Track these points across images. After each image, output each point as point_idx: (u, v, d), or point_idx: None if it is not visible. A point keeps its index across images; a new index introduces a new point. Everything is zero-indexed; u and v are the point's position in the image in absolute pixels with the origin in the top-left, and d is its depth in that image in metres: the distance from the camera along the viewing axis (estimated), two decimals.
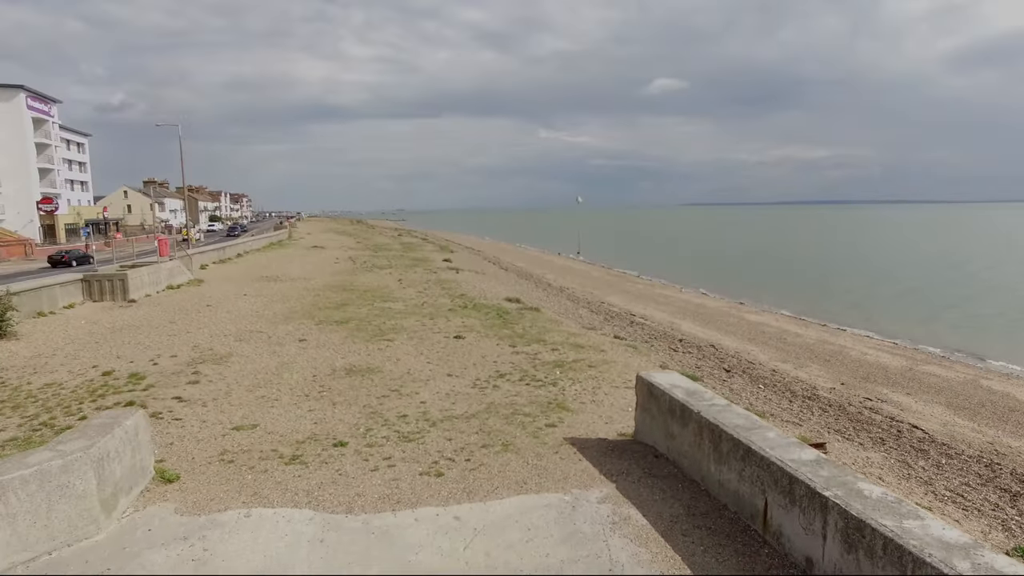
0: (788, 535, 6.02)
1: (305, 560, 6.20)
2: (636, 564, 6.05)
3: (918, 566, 4.57)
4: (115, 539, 6.66)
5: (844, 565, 5.29)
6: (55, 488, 6.45)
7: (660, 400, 8.61)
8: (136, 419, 7.95)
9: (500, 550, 6.36)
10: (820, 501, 5.56)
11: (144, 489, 7.86)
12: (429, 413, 10.90)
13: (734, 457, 6.89)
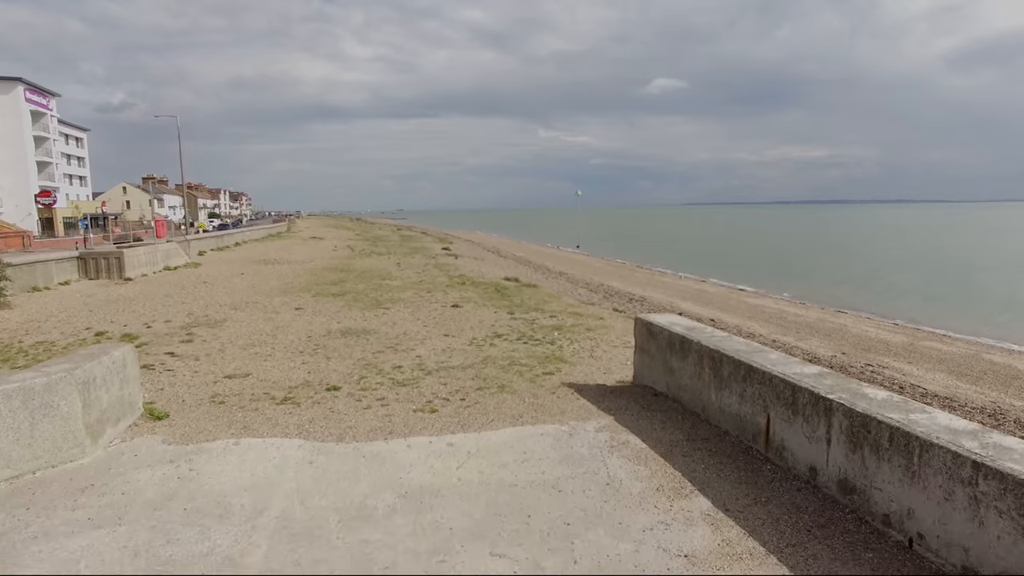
0: (791, 448, 5.86)
1: (293, 479, 6.04)
2: (634, 479, 5.89)
3: (925, 449, 4.41)
4: (101, 462, 6.49)
5: (848, 466, 5.13)
6: (38, 407, 6.29)
7: (659, 337, 8.45)
8: (124, 351, 7.79)
9: (494, 469, 6.20)
10: (824, 405, 5.40)
11: (132, 424, 7.69)
12: (425, 364, 10.75)
13: (735, 380, 6.73)
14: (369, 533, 4.99)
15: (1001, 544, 3.91)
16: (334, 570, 4.47)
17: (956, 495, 4.19)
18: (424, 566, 4.51)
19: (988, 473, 3.97)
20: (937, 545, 4.36)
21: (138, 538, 4.96)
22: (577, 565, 4.50)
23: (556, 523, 5.09)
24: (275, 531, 5.04)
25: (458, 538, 4.89)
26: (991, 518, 3.96)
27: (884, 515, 4.79)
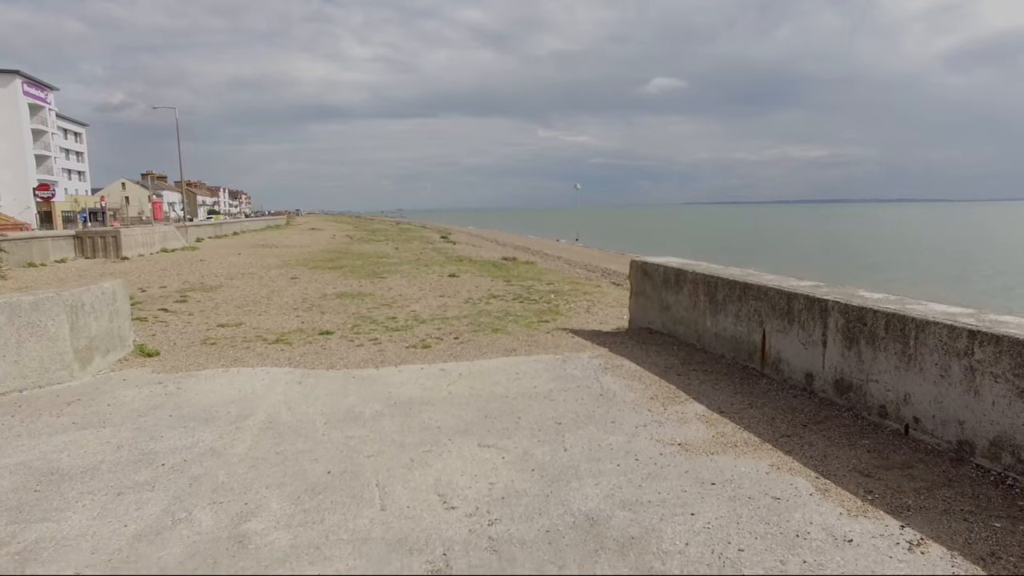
0: (786, 359, 5.79)
1: (281, 393, 5.97)
2: (628, 391, 5.82)
3: (921, 329, 4.34)
4: (89, 384, 6.42)
5: (844, 364, 5.06)
6: (25, 324, 6.23)
7: (654, 276, 8.37)
8: (114, 285, 7.72)
9: (486, 385, 6.13)
10: (820, 307, 5.33)
11: (121, 359, 7.61)
12: (419, 315, 10.68)
13: (730, 301, 6.66)
14: (355, 431, 4.92)
15: (996, 409, 3.83)
16: (317, 459, 4.39)
17: (952, 370, 4.12)
18: (410, 456, 4.44)
19: (983, 340, 3.90)
20: (932, 426, 4.29)
21: (121, 436, 4.89)
22: (567, 453, 4.43)
23: (546, 422, 5.02)
24: (260, 430, 4.97)
25: (446, 434, 4.82)
26: (986, 385, 3.89)
27: (880, 406, 4.72)
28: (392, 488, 3.89)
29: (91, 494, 3.88)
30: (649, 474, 4.04)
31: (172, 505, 3.72)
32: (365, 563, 3.07)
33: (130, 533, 3.40)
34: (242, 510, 3.65)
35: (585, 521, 3.45)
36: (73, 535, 3.39)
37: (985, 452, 3.92)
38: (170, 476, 4.13)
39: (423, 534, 3.35)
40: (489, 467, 4.19)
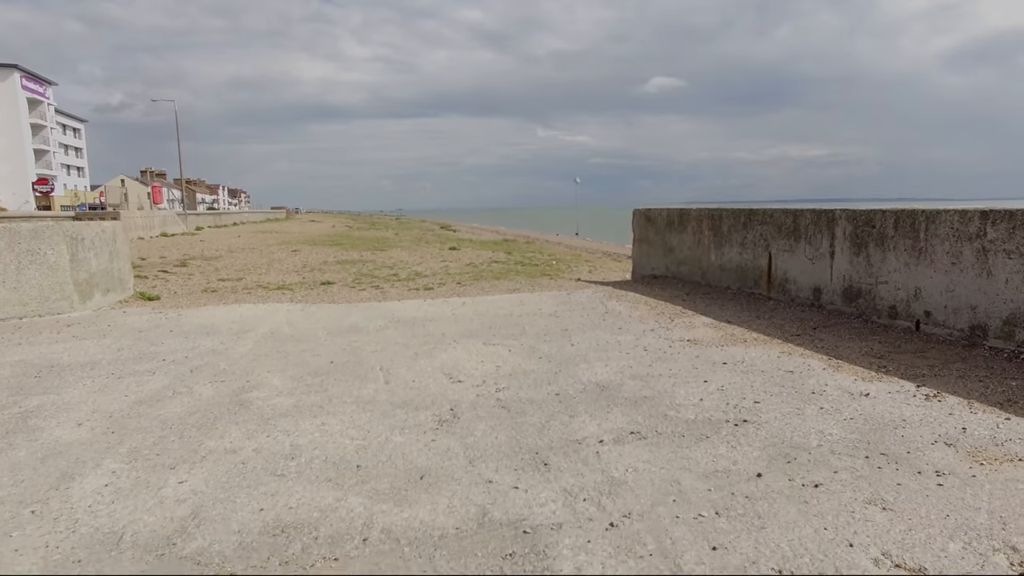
0: (793, 277, 5.73)
1: (284, 316, 5.91)
2: (633, 311, 5.76)
3: (931, 220, 4.29)
4: (89, 315, 6.36)
5: (853, 271, 5.00)
6: (24, 252, 6.16)
7: (657, 220, 8.32)
8: (114, 225, 7.66)
9: (490, 309, 6.07)
10: (827, 218, 5.27)
11: (122, 300, 7.55)
12: (421, 272, 10.63)
13: (735, 230, 6.60)
14: (358, 337, 4.86)
15: (1009, 287, 3.78)
16: (320, 354, 4.34)
17: (963, 255, 4.07)
18: (414, 351, 4.38)
19: (996, 218, 3.85)
20: (944, 316, 4.23)
21: (122, 343, 4.83)
22: (574, 347, 4.37)
23: (552, 330, 4.96)
24: (261, 338, 4.91)
25: (450, 338, 4.76)
26: (999, 264, 3.84)
27: (890, 307, 4.66)
28: (396, 371, 3.83)
29: (91, 378, 3.82)
30: (659, 358, 3.98)
31: (173, 383, 3.66)
32: (368, 416, 3.02)
33: (130, 401, 3.34)
34: (243, 385, 3.59)
35: (596, 388, 3.39)
36: (73, 402, 3.34)
37: (998, 332, 3.87)
38: (170, 367, 4.07)
39: (429, 398, 3.29)
40: (495, 356, 4.14)
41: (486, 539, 1.89)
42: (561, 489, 2.20)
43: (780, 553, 1.77)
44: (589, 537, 1.89)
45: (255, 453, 2.59)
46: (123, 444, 2.71)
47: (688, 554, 1.78)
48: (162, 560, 1.82)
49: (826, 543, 1.82)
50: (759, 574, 1.68)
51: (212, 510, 2.11)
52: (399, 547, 1.86)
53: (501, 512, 2.05)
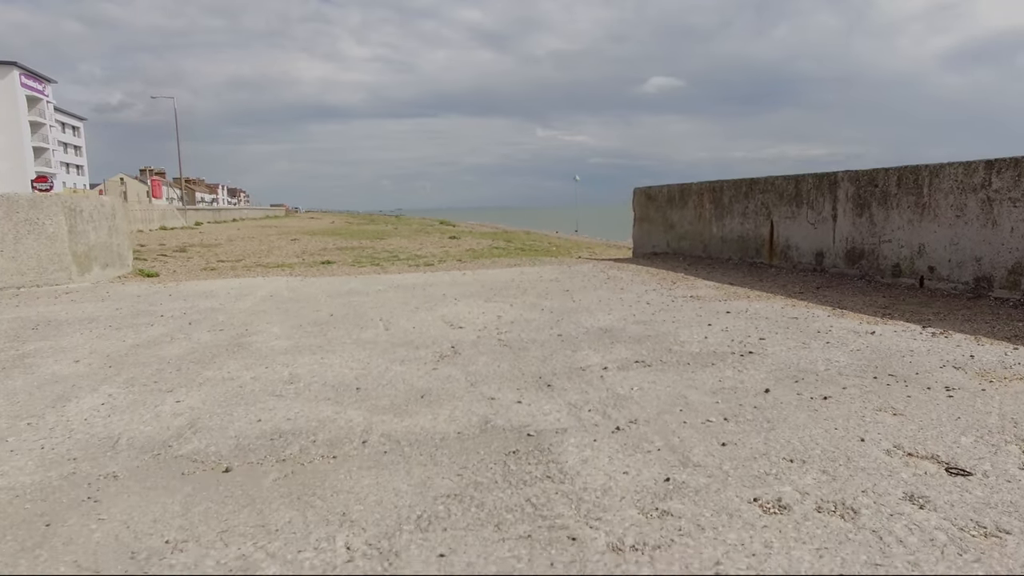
0: (795, 244, 5.70)
1: (284, 286, 5.87)
2: (634, 278, 5.73)
3: (935, 175, 4.25)
4: (88, 286, 6.32)
5: (855, 233, 4.97)
6: (23, 221, 6.12)
7: (658, 197, 8.29)
8: (113, 200, 7.62)
9: (491, 278, 6.04)
10: (829, 181, 5.24)
11: (121, 276, 7.51)
12: (421, 255, 10.60)
13: (736, 201, 6.57)
14: (358, 298, 4.83)
15: (1015, 236, 3.75)
16: (319, 310, 4.30)
17: (968, 207, 4.04)
18: (414, 307, 4.34)
19: (1001, 167, 3.81)
20: (948, 271, 4.20)
21: (120, 304, 4.79)
22: (576, 303, 4.34)
23: (554, 291, 4.93)
24: (260, 300, 4.88)
25: (451, 297, 4.72)
26: (1004, 213, 3.80)
27: (894, 266, 4.63)
28: (396, 321, 3.80)
29: (89, 329, 3.79)
30: (661, 309, 3.95)
31: (171, 331, 3.63)
32: (368, 353, 2.98)
33: (128, 344, 3.31)
34: (242, 332, 3.56)
35: (598, 331, 3.36)
36: (71, 347, 3.30)
37: (1004, 282, 3.84)
38: (168, 321, 4.04)
39: (429, 339, 3.25)
40: (497, 309, 4.10)
41: (488, 440, 1.85)
42: (565, 403, 2.17)
43: (791, 447, 1.74)
44: (595, 437, 1.85)
45: (253, 380, 2.55)
46: (120, 375, 2.67)
47: (697, 449, 1.74)
48: (158, 459, 1.78)
49: (837, 439, 1.78)
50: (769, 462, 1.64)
51: (209, 421, 2.07)
52: (399, 447, 1.82)
53: (504, 420, 2.02)
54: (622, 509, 1.41)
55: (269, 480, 1.62)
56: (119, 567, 1.24)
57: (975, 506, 1.38)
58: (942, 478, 1.53)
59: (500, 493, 1.51)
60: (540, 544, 1.28)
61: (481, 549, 1.26)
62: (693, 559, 1.21)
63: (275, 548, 1.29)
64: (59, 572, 1.23)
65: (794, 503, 1.42)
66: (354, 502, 1.49)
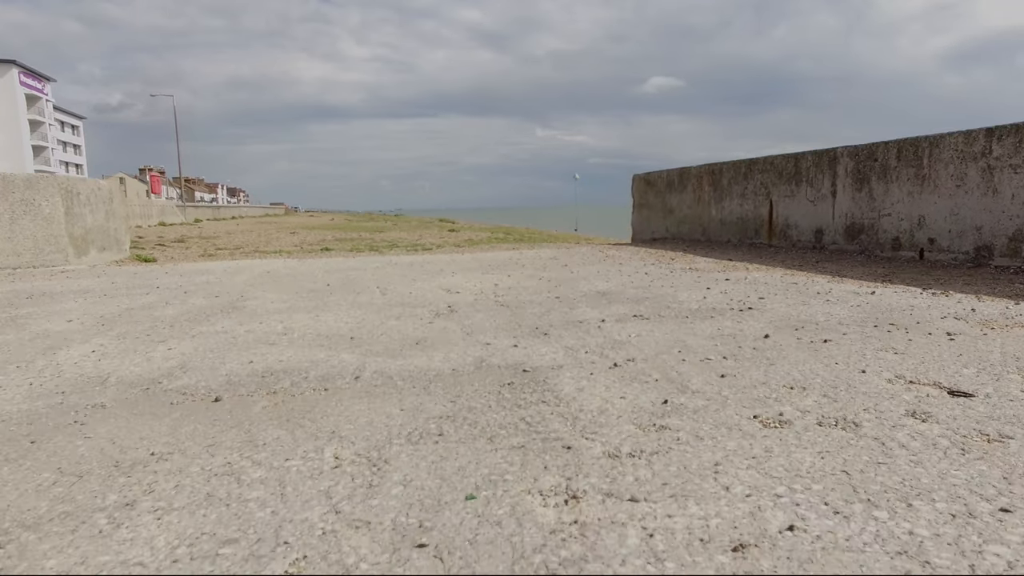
0: (795, 222, 5.67)
1: (281, 265, 5.84)
2: (633, 255, 5.70)
3: (935, 145, 4.23)
4: (84, 268, 6.29)
5: (855, 208, 4.95)
6: (19, 201, 6.09)
7: (657, 183, 8.26)
8: (111, 184, 7.59)
9: (488, 257, 6.01)
10: (829, 157, 5.21)
11: (118, 260, 7.48)
12: (421, 244, 10.57)
13: (736, 182, 6.54)
14: (354, 273, 4.80)
15: (1015, 203, 3.72)
16: (315, 281, 4.27)
17: (968, 176, 4.01)
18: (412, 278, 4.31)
19: (1002, 134, 3.78)
20: (948, 241, 4.17)
21: (117, 280, 4.76)
22: (574, 274, 4.31)
23: (552, 265, 4.90)
24: (257, 275, 4.85)
25: (448, 271, 4.70)
26: (1005, 180, 3.78)
27: (893, 239, 4.60)
28: (394, 288, 3.77)
29: (84, 298, 3.76)
30: (660, 278, 3.92)
31: (166, 298, 3.60)
32: (363, 312, 2.95)
33: (122, 308, 3.28)
34: (237, 299, 3.53)
35: (596, 294, 3.33)
36: (64, 311, 3.27)
37: (1004, 250, 3.81)
38: (164, 291, 4.00)
39: (426, 301, 3.23)
40: (494, 279, 4.08)
41: (483, 376, 1.82)
42: (562, 347, 2.14)
43: (790, 377, 1.71)
44: (591, 372, 1.82)
45: (246, 332, 2.52)
46: (113, 331, 2.64)
47: (695, 379, 1.71)
48: (147, 393, 1.75)
49: (837, 372, 1.75)
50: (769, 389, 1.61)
51: (200, 363, 2.04)
52: (392, 382, 1.79)
53: (499, 360, 1.99)
54: (619, 425, 1.38)
55: (258, 408, 1.59)
56: (102, 473, 1.21)
57: (978, 419, 1.36)
58: (944, 399, 1.50)
59: (494, 415, 1.48)
60: (534, 452, 1.25)
61: (472, 457, 1.24)
62: (692, 461, 1.18)
63: (261, 458, 1.26)
64: (41, 477, 1.20)
65: (795, 419, 1.39)
66: (344, 423, 1.46)
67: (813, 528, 0.92)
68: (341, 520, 0.99)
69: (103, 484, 1.16)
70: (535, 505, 1.02)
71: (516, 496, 1.06)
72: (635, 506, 1.01)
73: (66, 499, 1.10)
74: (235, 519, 1.01)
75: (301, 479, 1.15)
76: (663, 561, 0.85)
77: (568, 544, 0.90)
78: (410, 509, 1.02)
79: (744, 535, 0.91)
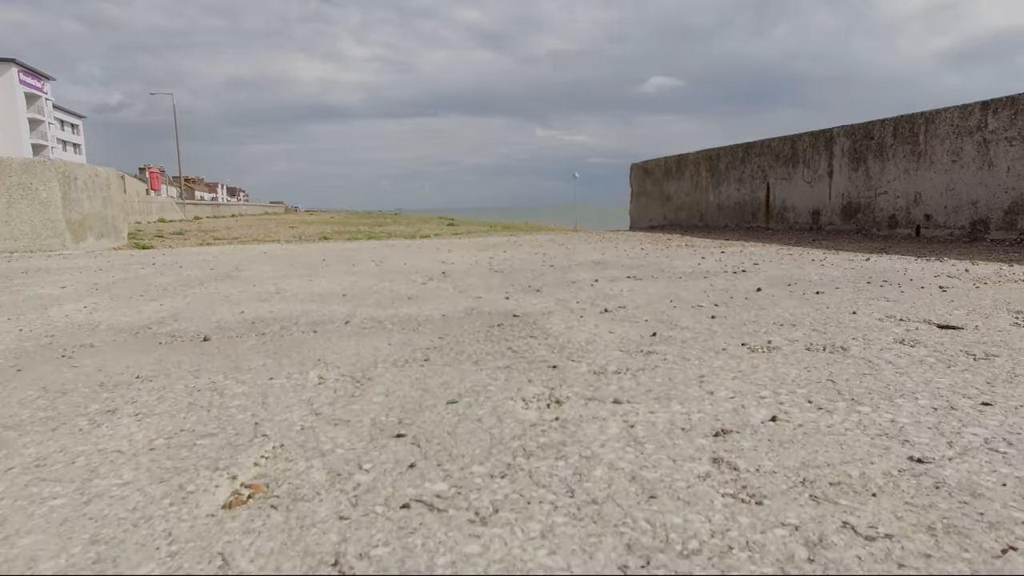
0: (792, 204, 5.67)
1: (278, 248, 5.84)
2: (631, 238, 5.69)
3: (931, 121, 4.22)
4: (82, 254, 6.29)
5: (852, 187, 4.94)
6: (15, 185, 6.09)
7: (655, 171, 8.26)
8: (109, 172, 7.59)
9: (484, 239, 6.01)
10: (825, 138, 5.21)
11: (116, 247, 7.48)
12: (422, 233, 10.57)
13: (733, 167, 6.54)
14: (351, 252, 4.80)
15: (1011, 175, 3.71)
16: (312, 257, 4.27)
17: (964, 151, 4.00)
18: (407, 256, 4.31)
19: (997, 107, 3.78)
20: (944, 217, 4.17)
21: (112, 262, 4.76)
22: (569, 252, 4.30)
23: (547, 245, 4.90)
24: (253, 255, 4.85)
25: (444, 250, 4.69)
26: (1000, 153, 3.77)
27: (890, 217, 4.60)
28: (389, 261, 3.77)
29: (79, 272, 3.75)
30: (655, 251, 3.92)
31: (161, 270, 3.60)
32: (357, 277, 2.94)
33: (116, 278, 3.27)
34: (232, 270, 3.52)
35: (590, 263, 3.33)
36: (58, 280, 3.26)
37: (1000, 223, 3.80)
38: (159, 266, 4.00)
39: (420, 269, 3.22)
40: (490, 254, 4.07)
41: (473, 320, 1.82)
42: (554, 299, 2.14)
43: (781, 318, 1.70)
44: (582, 315, 1.82)
45: (239, 292, 2.52)
46: (106, 293, 2.64)
47: (686, 319, 1.71)
48: (137, 336, 1.75)
49: (828, 314, 1.75)
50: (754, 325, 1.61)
51: (191, 314, 2.04)
52: (382, 325, 1.79)
53: (490, 308, 1.99)
54: (606, 352, 1.38)
55: (246, 345, 1.59)
56: (86, 391, 1.21)
57: (965, 344, 1.35)
58: (933, 331, 1.50)
59: (481, 346, 1.48)
60: (519, 371, 1.25)
61: (457, 375, 1.23)
62: (677, 375, 1.17)
63: (246, 378, 1.26)
64: (25, 394, 1.19)
65: (783, 345, 1.39)
66: (331, 353, 1.45)
67: (796, 419, 0.92)
68: (321, 419, 0.99)
69: (86, 398, 1.15)
70: (517, 407, 1.02)
71: (498, 401, 1.05)
72: (618, 406, 1.00)
73: (49, 409, 1.10)
74: (215, 420, 1.00)
75: (283, 392, 1.15)
76: (642, 444, 0.85)
77: (548, 433, 0.90)
78: (390, 411, 1.02)
79: (726, 425, 0.91)
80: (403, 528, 0.64)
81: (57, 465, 0.84)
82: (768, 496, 0.68)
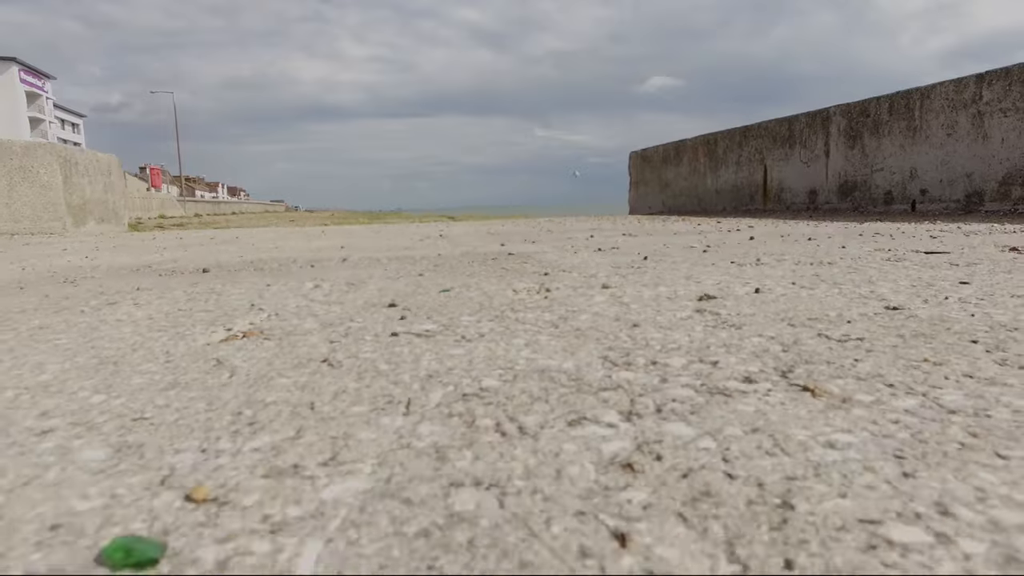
0: (789, 185, 5.70)
1: (280, 231, 5.87)
2: (630, 219, 5.72)
3: (926, 96, 4.24)
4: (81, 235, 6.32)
5: (848, 166, 4.96)
6: (16, 168, 6.12)
7: (653, 158, 8.29)
8: (110, 158, 7.62)
9: (485, 224, 6.04)
10: (821, 117, 5.23)
11: (116, 232, 7.50)
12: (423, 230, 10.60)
13: (731, 150, 6.57)
14: (352, 239, 4.83)
15: (1005, 146, 3.74)
16: (310, 233, 4.30)
17: (959, 124, 4.03)
18: (412, 232, 4.34)
19: (992, 78, 3.81)
20: (939, 191, 4.19)
21: (115, 242, 4.79)
22: (565, 227, 4.33)
23: (544, 224, 4.93)
24: (261, 241, 4.88)
25: (443, 226, 4.72)
26: (995, 125, 3.80)
27: (886, 193, 4.62)
28: (387, 232, 3.80)
29: (80, 243, 3.78)
30: (653, 224, 3.95)
31: (162, 245, 3.62)
32: (354, 240, 2.97)
33: (119, 243, 3.30)
34: (232, 239, 3.56)
35: (587, 228, 3.37)
36: (60, 249, 3.30)
37: (994, 195, 3.83)
38: (160, 240, 4.04)
39: (416, 234, 3.25)
40: (487, 226, 4.11)
41: (469, 257, 1.85)
42: (549, 245, 2.16)
43: (770, 251, 1.73)
44: (575, 252, 1.85)
45: (238, 250, 2.55)
46: (106, 251, 2.67)
47: (676, 255, 1.73)
48: (137, 272, 1.77)
49: (819, 250, 1.78)
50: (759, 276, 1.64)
51: (191, 259, 2.07)
52: (378, 261, 1.82)
53: (485, 251, 2.02)
54: (598, 269, 1.40)
55: (245, 273, 1.62)
56: (87, 296, 1.23)
57: (949, 260, 1.38)
58: (921, 256, 1.52)
59: (475, 267, 1.50)
60: (512, 277, 1.27)
61: (448, 278, 1.26)
62: (665, 273, 1.20)
63: (243, 287, 1.29)
64: (29, 301, 1.22)
65: (771, 263, 1.41)
66: (327, 276, 1.48)
67: (779, 291, 0.95)
68: (315, 303, 1.02)
69: (87, 298, 1.18)
70: (507, 292, 1.05)
71: (490, 289, 1.08)
72: (606, 290, 1.03)
73: (53, 305, 1.12)
74: (212, 304, 1.03)
75: (280, 293, 1.18)
76: (628, 305, 0.87)
77: (537, 302, 0.92)
78: (383, 295, 1.05)
79: (711, 293, 0.93)
80: (391, 345, 0.66)
81: (60, 327, 0.87)
82: (747, 324, 0.71)
